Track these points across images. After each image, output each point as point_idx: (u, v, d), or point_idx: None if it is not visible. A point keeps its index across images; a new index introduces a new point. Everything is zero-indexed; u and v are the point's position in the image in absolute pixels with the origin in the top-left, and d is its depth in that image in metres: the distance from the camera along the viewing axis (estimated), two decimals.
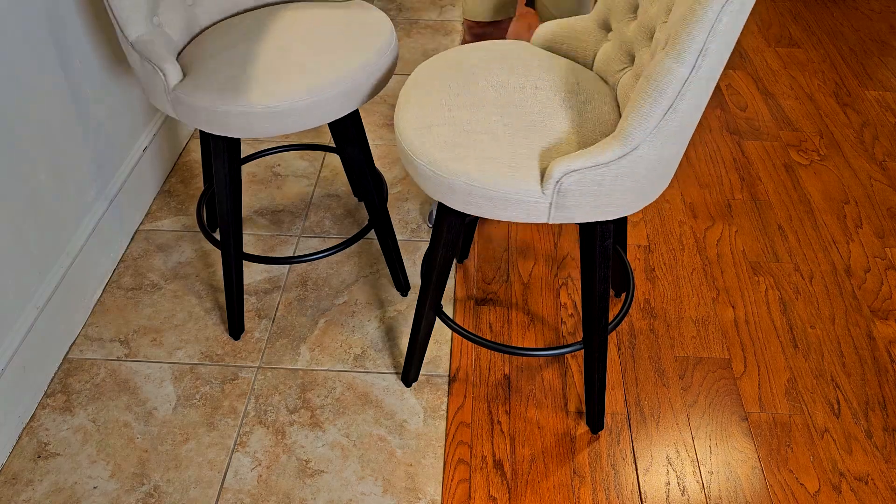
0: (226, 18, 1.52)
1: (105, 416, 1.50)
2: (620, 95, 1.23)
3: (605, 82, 1.30)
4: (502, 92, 1.24)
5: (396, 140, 1.21)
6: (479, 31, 1.74)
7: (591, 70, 1.35)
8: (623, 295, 1.77)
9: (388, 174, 2.14)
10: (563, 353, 1.43)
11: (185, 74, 1.34)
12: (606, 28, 1.33)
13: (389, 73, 1.42)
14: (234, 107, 1.27)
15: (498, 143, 1.14)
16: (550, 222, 1.14)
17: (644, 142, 1.04)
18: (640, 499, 1.39)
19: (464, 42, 1.82)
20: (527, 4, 1.75)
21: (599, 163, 1.05)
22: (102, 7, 1.70)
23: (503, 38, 1.76)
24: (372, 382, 1.58)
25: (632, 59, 1.24)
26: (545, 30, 1.41)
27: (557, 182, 1.06)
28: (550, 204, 1.09)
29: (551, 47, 1.40)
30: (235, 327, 1.64)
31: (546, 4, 1.67)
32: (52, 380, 1.57)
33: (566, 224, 1.97)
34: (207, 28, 1.49)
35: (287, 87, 1.29)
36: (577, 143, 1.15)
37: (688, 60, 0.96)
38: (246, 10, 1.55)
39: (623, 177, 1.07)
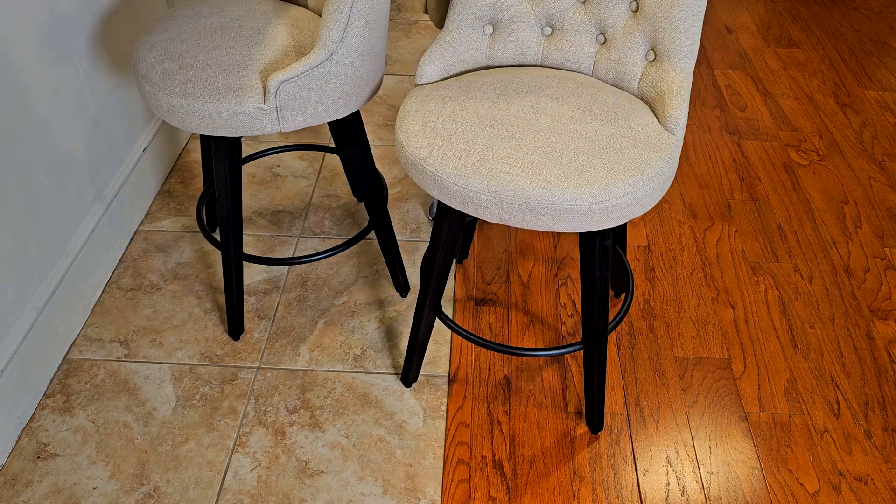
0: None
1: (104, 416, 1.50)
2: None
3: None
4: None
5: None
6: None
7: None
8: (623, 295, 1.77)
9: (388, 174, 2.14)
10: (562, 354, 1.43)
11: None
12: None
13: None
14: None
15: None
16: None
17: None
18: (640, 499, 1.39)
19: None
20: None
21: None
22: (103, 7, 1.70)
23: None
24: (371, 383, 1.58)
25: None
26: None
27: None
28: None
29: None
30: (235, 328, 1.64)
31: None
32: (51, 380, 1.57)
33: None
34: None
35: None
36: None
37: None
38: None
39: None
